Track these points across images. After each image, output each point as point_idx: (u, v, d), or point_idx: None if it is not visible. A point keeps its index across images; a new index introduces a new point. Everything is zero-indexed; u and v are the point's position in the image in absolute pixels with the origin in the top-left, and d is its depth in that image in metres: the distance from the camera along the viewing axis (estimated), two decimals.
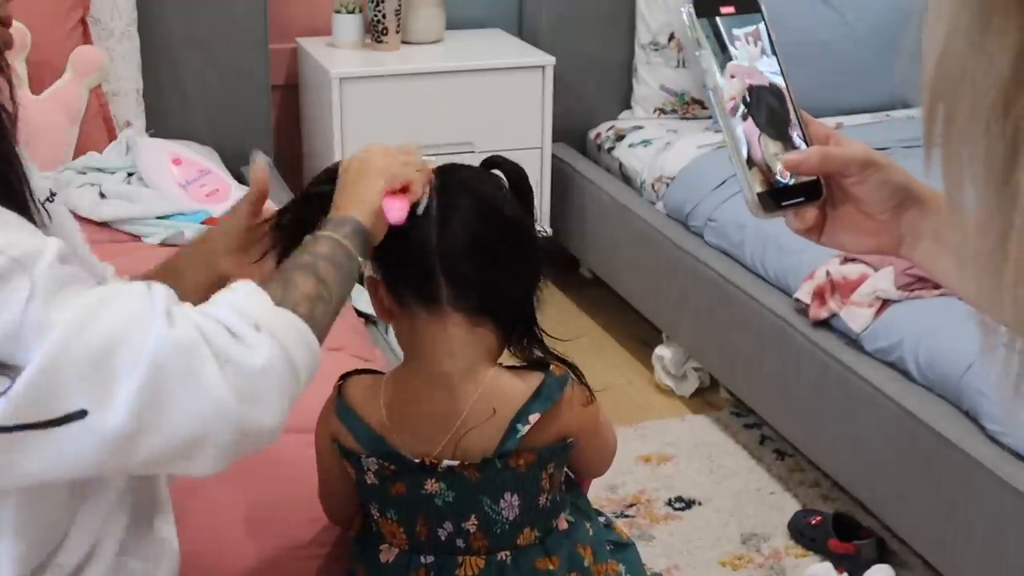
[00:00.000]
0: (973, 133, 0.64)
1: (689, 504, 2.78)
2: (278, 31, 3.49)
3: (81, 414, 1.01)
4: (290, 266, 1.21)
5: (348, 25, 3.43)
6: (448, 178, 1.39)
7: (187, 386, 1.02)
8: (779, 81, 1.06)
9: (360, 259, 1.25)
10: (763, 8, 1.06)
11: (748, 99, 1.04)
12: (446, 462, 1.37)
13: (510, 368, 1.41)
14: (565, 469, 1.48)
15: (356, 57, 3.40)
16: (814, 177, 1.05)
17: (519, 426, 1.36)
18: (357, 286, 2.66)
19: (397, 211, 1.31)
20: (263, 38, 3.33)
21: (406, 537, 1.41)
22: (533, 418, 1.36)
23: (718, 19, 1.03)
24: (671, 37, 3.63)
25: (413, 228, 1.33)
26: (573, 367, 1.43)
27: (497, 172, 1.43)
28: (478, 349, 1.38)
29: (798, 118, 1.06)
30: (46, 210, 1.22)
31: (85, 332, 1.00)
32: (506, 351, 1.44)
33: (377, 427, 1.38)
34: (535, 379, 1.39)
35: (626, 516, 2.71)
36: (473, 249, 1.35)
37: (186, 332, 1.03)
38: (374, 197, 1.29)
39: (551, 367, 1.40)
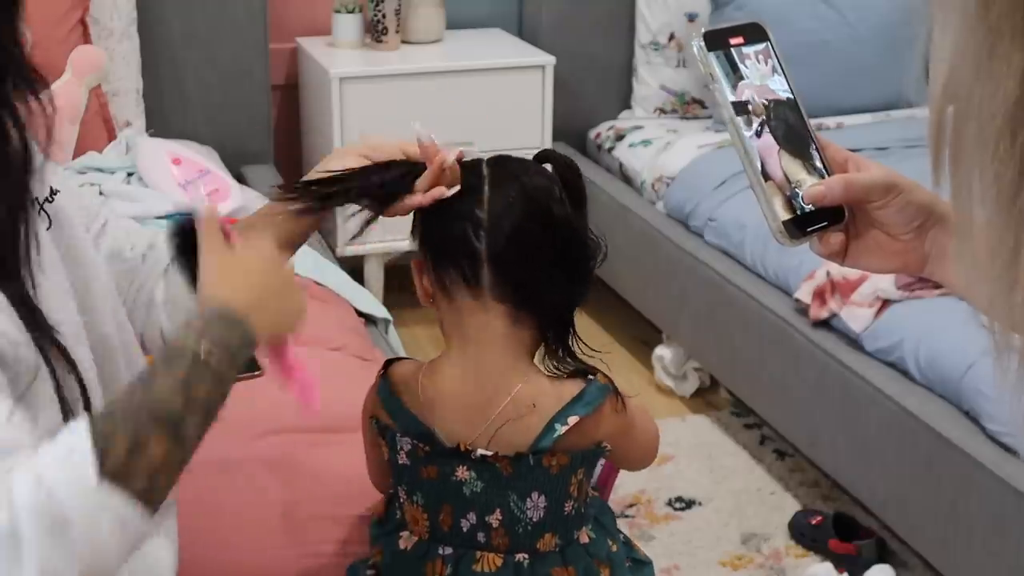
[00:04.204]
0: (981, 156, 0.64)
1: (689, 504, 2.78)
2: (278, 31, 3.48)
3: None
4: (152, 408, 1.05)
5: (348, 25, 3.43)
6: (499, 170, 1.41)
7: None
8: (792, 100, 1.06)
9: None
10: (771, 36, 1.07)
11: (766, 125, 1.04)
12: (480, 451, 1.38)
13: (548, 376, 1.42)
14: (593, 482, 1.48)
15: (356, 57, 3.39)
16: None
17: (557, 425, 1.37)
18: (357, 286, 2.66)
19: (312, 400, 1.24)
20: (263, 38, 3.33)
21: (428, 525, 1.42)
22: (573, 420, 1.37)
23: (731, 51, 1.04)
24: (671, 37, 3.63)
25: (461, 215, 1.36)
26: (607, 378, 1.43)
27: (547, 167, 1.44)
28: (518, 345, 1.40)
29: (814, 139, 1.07)
30: (46, 212, 1.21)
31: None
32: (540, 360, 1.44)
33: (414, 408, 1.40)
34: (575, 385, 1.40)
35: (626, 516, 2.71)
36: (518, 240, 1.36)
37: None
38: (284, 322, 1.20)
39: (596, 376, 1.42)
